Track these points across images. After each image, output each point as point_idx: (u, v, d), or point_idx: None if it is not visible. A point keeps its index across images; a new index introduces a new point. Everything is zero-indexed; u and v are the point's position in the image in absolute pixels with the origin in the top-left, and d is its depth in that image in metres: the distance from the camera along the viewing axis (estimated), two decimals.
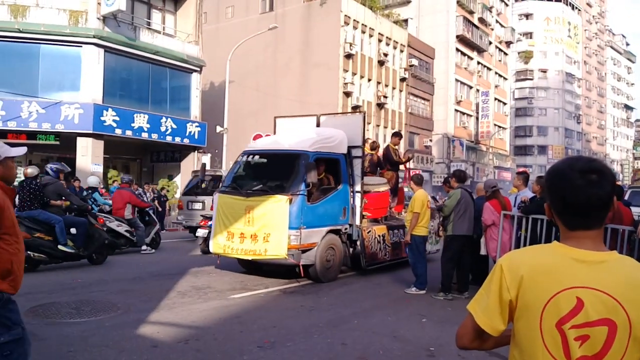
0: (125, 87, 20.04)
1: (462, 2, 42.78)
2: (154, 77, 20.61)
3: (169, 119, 20.56)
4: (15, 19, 17.31)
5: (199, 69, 22.15)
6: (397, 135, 11.03)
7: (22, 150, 3.28)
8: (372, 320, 6.13)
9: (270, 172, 8.77)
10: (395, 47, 35.54)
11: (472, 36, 43.80)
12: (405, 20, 40.87)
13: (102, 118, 18.17)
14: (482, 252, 7.65)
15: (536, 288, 1.41)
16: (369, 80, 33.13)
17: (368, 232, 9.09)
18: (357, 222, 8.91)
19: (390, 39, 34.81)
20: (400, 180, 11.38)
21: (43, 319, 5.74)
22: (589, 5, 77.15)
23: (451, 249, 7.54)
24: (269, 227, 7.68)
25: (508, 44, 53.95)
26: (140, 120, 19.45)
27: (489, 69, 48.87)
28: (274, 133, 10.25)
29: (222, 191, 8.62)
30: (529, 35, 67.35)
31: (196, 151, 22.12)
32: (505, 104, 52.93)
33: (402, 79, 36.05)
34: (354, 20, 31.53)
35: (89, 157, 18.15)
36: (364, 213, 9.09)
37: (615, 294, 1.36)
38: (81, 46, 18.07)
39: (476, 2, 45.21)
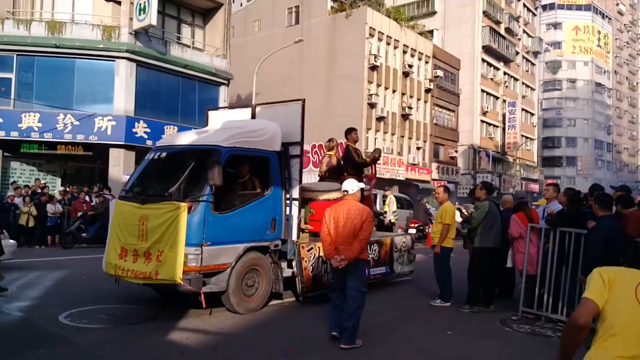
0: (155, 99, 20.54)
1: (488, 13, 42.53)
2: (183, 90, 21.09)
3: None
4: (52, 35, 17.98)
5: (226, 82, 22.57)
6: (352, 130, 8.93)
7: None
8: (396, 332, 6.13)
9: (175, 173, 6.94)
10: (420, 59, 35.51)
11: (499, 46, 43.42)
12: (431, 32, 40.80)
13: (133, 130, 18.65)
14: (509, 264, 7.59)
15: (625, 277, 2.20)
16: (394, 91, 33.15)
17: (308, 250, 7.37)
18: (294, 237, 7.22)
19: (415, 50, 34.82)
20: (366, 187, 9.71)
21: (77, 324, 5.94)
22: (620, 13, 75.63)
23: (478, 261, 7.48)
24: (163, 242, 5.98)
25: (535, 54, 53.26)
26: (170, 132, 19.87)
27: (515, 79, 48.31)
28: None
29: (120, 196, 7.06)
30: (557, 45, 66.35)
31: None
32: (532, 114, 52.16)
33: (427, 90, 35.95)
34: (379, 32, 31.67)
35: (120, 168, 18.63)
36: (303, 227, 7.53)
37: None
38: (114, 60, 18.62)
39: (503, 13, 44.87)
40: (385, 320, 6.72)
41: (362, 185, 5.87)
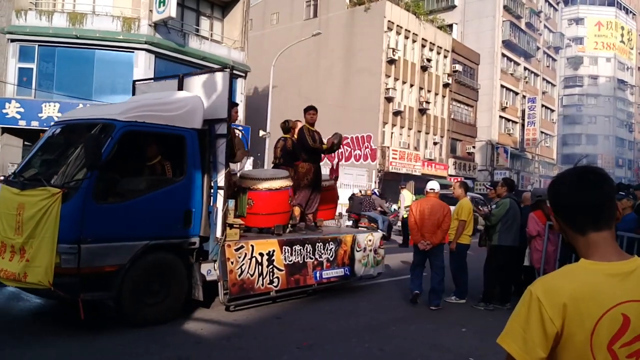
0: None
1: (509, 7, 41.92)
2: None
3: None
4: (73, 26, 18.21)
5: (244, 75, 22.62)
6: (309, 109, 7.68)
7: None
8: (410, 327, 6.12)
9: (64, 153, 5.87)
10: (439, 53, 35.16)
11: (519, 41, 42.80)
12: (450, 26, 40.34)
13: None
14: (526, 263, 7.51)
15: (581, 314, 1.34)
16: (412, 85, 32.90)
17: (237, 249, 6.11)
18: (218, 233, 5.95)
19: (434, 44, 34.48)
20: (327, 178, 8.46)
21: (94, 312, 6.03)
22: None
23: (495, 259, 7.41)
24: (36, 237, 4.87)
25: (557, 49, 52.40)
26: None
27: (536, 75, 47.61)
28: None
29: (7, 181, 6.04)
30: (579, 40, 65.19)
31: None
32: (553, 111, 51.41)
33: (446, 85, 35.61)
34: (398, 25, 31.42)
35: None
36: (231, 221, 6.18)
37: None
38: (133, 52, 18.80)
39: (524, 7, 44.20)
40: (399, 315, 6.72)
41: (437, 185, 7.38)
